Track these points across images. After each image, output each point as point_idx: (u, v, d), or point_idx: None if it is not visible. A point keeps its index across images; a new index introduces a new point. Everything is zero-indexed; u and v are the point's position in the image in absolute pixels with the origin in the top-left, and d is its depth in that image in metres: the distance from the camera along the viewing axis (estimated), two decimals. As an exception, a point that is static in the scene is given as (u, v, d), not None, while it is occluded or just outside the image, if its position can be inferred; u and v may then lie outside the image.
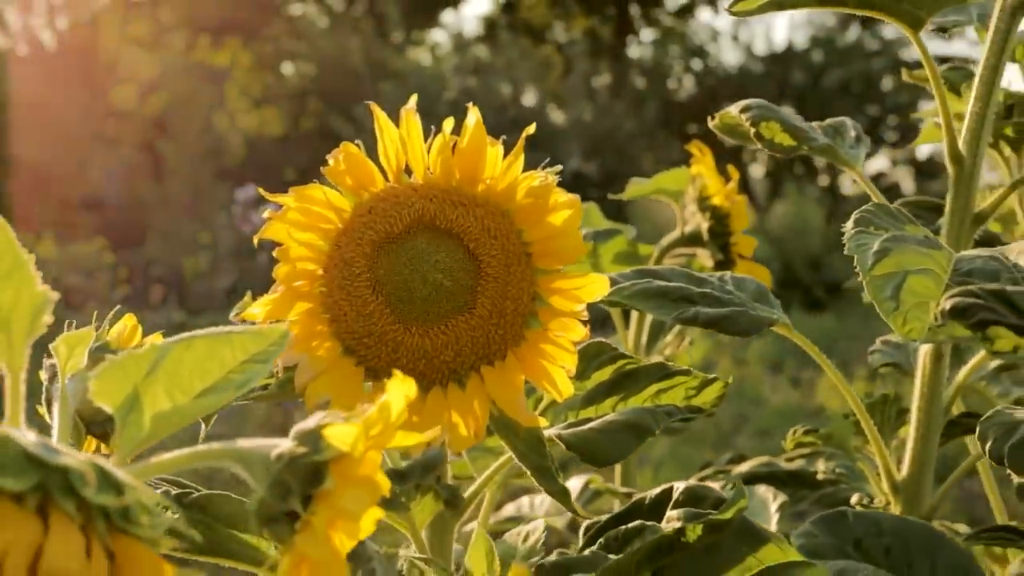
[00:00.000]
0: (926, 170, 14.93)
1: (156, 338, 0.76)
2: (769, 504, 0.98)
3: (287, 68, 17.10)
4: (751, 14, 0.80)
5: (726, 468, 1.23)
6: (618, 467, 1.32)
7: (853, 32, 16.89)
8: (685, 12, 18.41)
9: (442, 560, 0.79)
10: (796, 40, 17.13)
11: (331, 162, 0.76)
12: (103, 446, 0.75)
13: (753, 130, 0.87)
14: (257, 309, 0.76)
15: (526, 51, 14.97)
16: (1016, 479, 0.95)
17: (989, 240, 0.96)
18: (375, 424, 0.50)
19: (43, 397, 0.71)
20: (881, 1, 0.78)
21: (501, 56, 14.99)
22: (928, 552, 0.74)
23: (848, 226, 0.75)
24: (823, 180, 15.36)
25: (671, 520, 0.74)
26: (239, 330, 0.55)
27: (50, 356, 0.73)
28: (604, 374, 0.83)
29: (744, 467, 1.18)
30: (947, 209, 0.85)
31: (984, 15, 0.90)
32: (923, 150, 15.38)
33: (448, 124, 0.75)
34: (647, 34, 18.19)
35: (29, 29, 16.20)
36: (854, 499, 0.94)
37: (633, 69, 16.55)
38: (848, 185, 15.18)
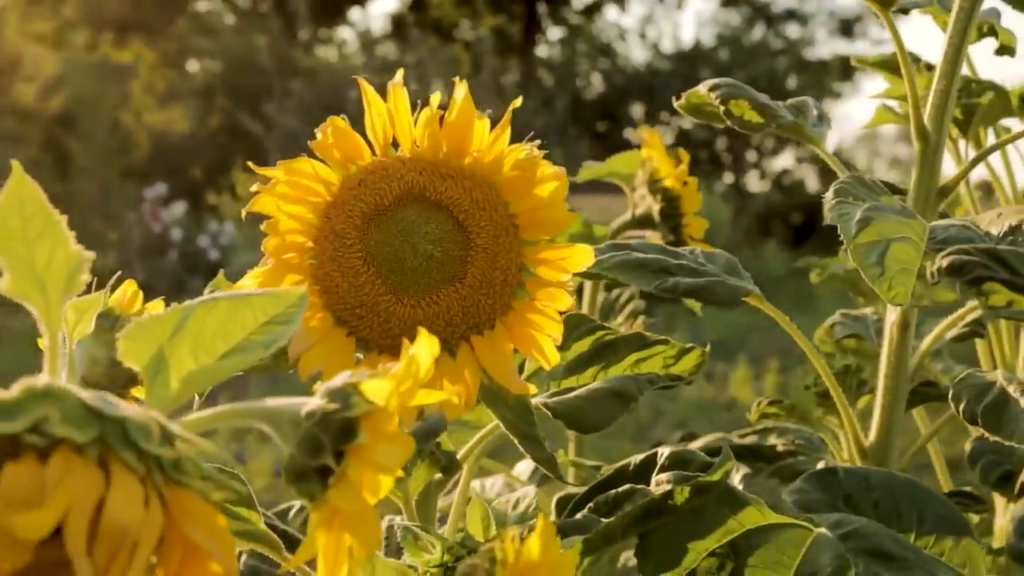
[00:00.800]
0: (829, 168, 15.16)
1: (158, 304, 0.76)
2: (731, 475, 1.00)
3: (192, 66, 16.93)
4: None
5: (679, 446, 1.25)
6: (571, 446, 1.33)
7: (758, 31, 17.14)
8: (592, 11, 18.53)
9: (431, 526, 0.80)
10: (703, 39, 17.32)
11: (319, 135, 0.77)
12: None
13: (723, 108, 0.89)
14: (248, 281, 0.76)
15: (434, 49, 14.97)
16: (967, 447, 0.98)
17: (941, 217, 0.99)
18: (405, 379, 0.51)
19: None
20: (854, -21, 0.81)
21: (410, 54, 14.98)
22: (915, 504, 0.76)
23: (828, 196, 0.78)
24: (728, 177, 15.55)
25: (660, 483, 0.76)
26: (258, 292, 0.55)
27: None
28: (583, 345, 0.85)
29: (698, 443, 1.20)
30: (913, 182, 0.88)
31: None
32: (827, 147, 15.63)
33: (435, 98, 0.76)
34: (555, 32, 18.29)
35: (-74, 25, 15.86)
36: (820, 467, 0.97)
37: (542, 67, 16.63)
38: (754, 183, 15.39)
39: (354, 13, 19.56)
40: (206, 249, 8.81)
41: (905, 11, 0.89)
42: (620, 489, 0.77)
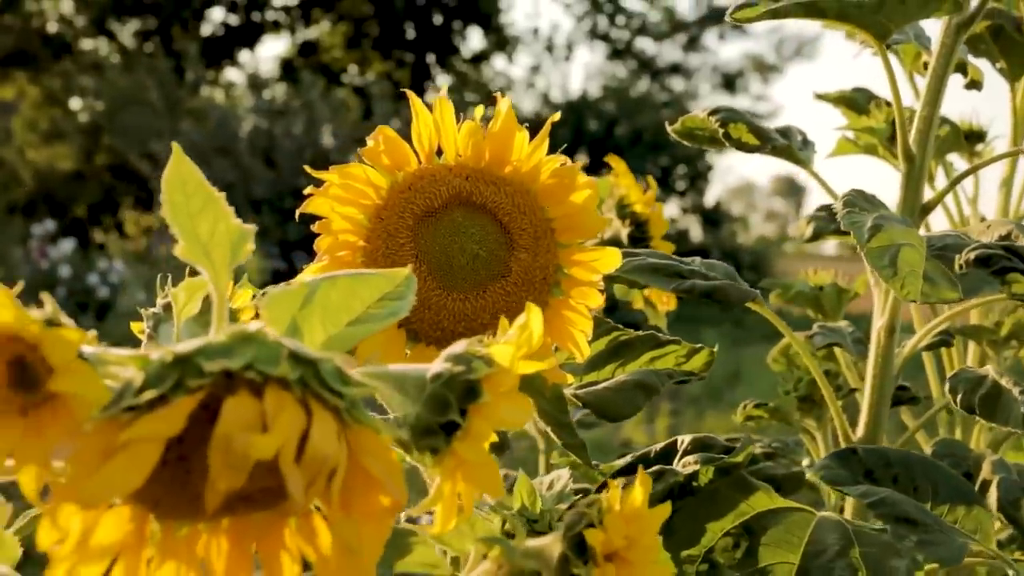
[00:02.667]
0: (712, 217, 15.50)
1: (245, 294, 0.81)
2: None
3: (76, 103, 16.70)
4: (750, 21, 0.90)
5: (651, 448, 1.32)
6: (542, 459, 1.40)
7: (644, 84, 17.47)
8: (480, 59, 18.74)
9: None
10: (590, 90, 17.60)
11: (370, 143, 0.82)
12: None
13: (723, 130, 0.97)
14: (307, 277, 0.81)
15: (324, 93, 15.00)
16: (928, 449, 1.07)
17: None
18: (522, 346, 0.57)
19: (144, 342, 0.76)
20: (856, 13, 0.89)
21: (299, 97, 14.96)
22: (929, 478, 0.84)
23: (838, 206, 0.86)
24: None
25: (687, 464, 0.83)
26: (372, 273, 0.61)
27: (147, 308, 0.77)
28: (601, 344, 0.92)
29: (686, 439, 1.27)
30: (899, 200, 0.96)
31: (919, 35, 1.03)
32: (709, 199, 15.96)
33: (479, 111, 0.83)
34: (444, 79, 18.44)
35: None
36: (805, 462, 1.05)
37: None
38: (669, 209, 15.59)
39: (243, 55, 19.50)
40: (95, 287, 8.70)
41: (889, 46, 0.97)
42: (652, 469, 0.83)
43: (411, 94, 0.84)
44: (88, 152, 14.49)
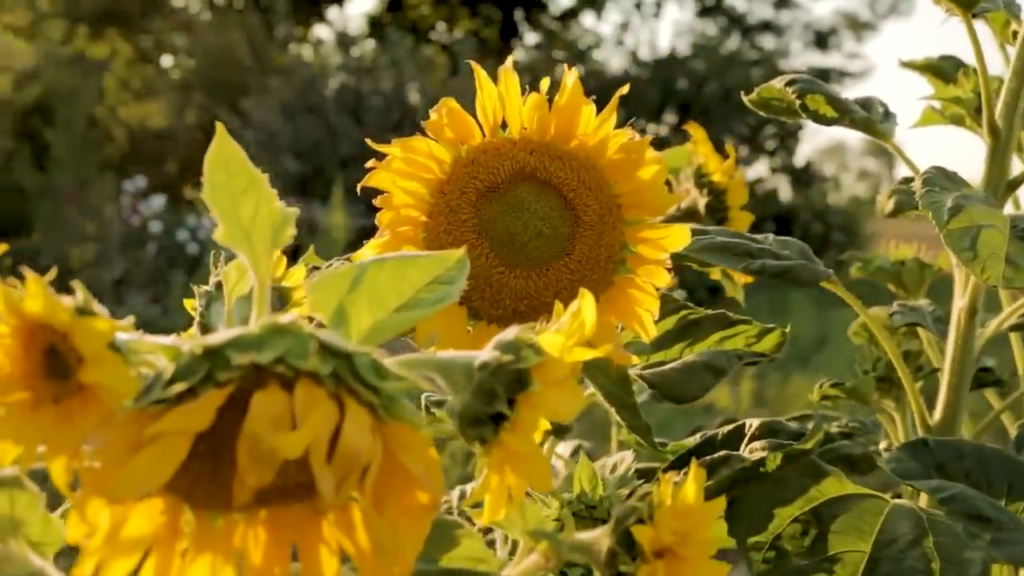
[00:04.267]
0: (802, 177, 15.29)
1: (299, 272, 0.79)
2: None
3: (167, 61, 16.87)
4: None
5: (718, 431, 1.30)
6: (615, 432, 1.38)
7: (734, 42, 17.25)
8: (568, 17, 18.61)
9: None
10: (680, 47, 17.40)
11: (433, 115, 0.80)
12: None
13: (799, 102, 0.93)
14: (367, 252, 0.80)
15: (411, 50, 14.99)
16: (1014, 432, 1.03)
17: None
18: (574, 334, 0.55)
19: (196, 323, 0.75)
20: (940, -16, 0.85)
21: (386, 54, 14.98)
22: (1005, 473, 0.81)
23: (917, 185, 0.82)
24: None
25: (754, 451, 0.80)
26: (422, 255, 0.59)
27: (199, 286, 0.76)
28: (669, 323, 0.89)
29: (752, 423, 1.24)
30: (983, 177, 0.92)
31: (1009, 3, 0.99)
32: (800, 158, 15.75)
33: (544, 84, 0.80)
34: (531, 37, 18.35)
35: (-100, 13, 15.77)
36: (883, 445, 1.01)
37: (518, 71, 16.66)
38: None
39: (332, 12, 19.56)
40: (185, 243, 8.81)
41: (977, 15, 0.93)
42: (716, 455, 0.81)
43: (475, 65, 0.81)
44: (179, 109, 14.63)
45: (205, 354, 0.45)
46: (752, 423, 0.85)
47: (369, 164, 0.81)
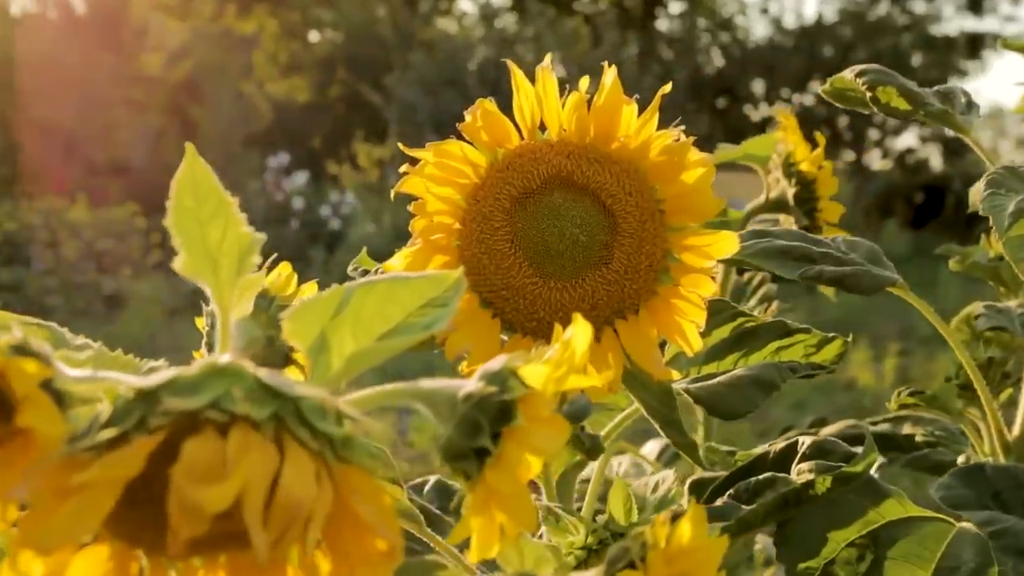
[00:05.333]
0: (954, 146, 14.86)
1: (312, 287, 0.78)
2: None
3: (314, 36, 17.10)
4: None
5: (809, 431, 1.25)
6: (700, 428, 1.33)
7: (883, 7, 16.80)
8: (714, -16, 18.33)
9: (568, 508, 0.81)
10: (826, 14, 17.03)
11: (467, 118, 0.77)
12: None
13: (869, 94, 0.88)
14: (396, 261, 0.77)
15: (554, 22, 14.94)
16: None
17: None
18: (561, 364, 0.52)
19: (203, 343, 0.73)
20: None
21: (529, 27, 14.97)
22: (1069, 505, 0.76)
23: (980, 187, 0.77)
24: (849, 155, 15.32)
25: (802, 472, 0.76)
26: (415, 275, 0.56)
27: (208, 303, 0.74)
28: (724, 331, 0.85)
29: (831, 429, 1.19)
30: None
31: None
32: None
33: (584, 83, 0.76)
34: (676, 6, 18.12)
35: (59, -6, 16.25)
36: (960, 459, 0.96)
37: (661, 41, 16.51)
38: (876, 161, 15.13)
39: (475, -15, 19.59)
40: (327, 219, 8.93)
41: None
42: (761, 477, 0.77)
43: (511, 64, 0.78)
44: (323, 85, 14.83)
45: (139, 397, 0.43)
46: (805, 441, 0.80)
47: (402, 169, 0.79)
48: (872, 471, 0.98)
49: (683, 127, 0.73)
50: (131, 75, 13.90)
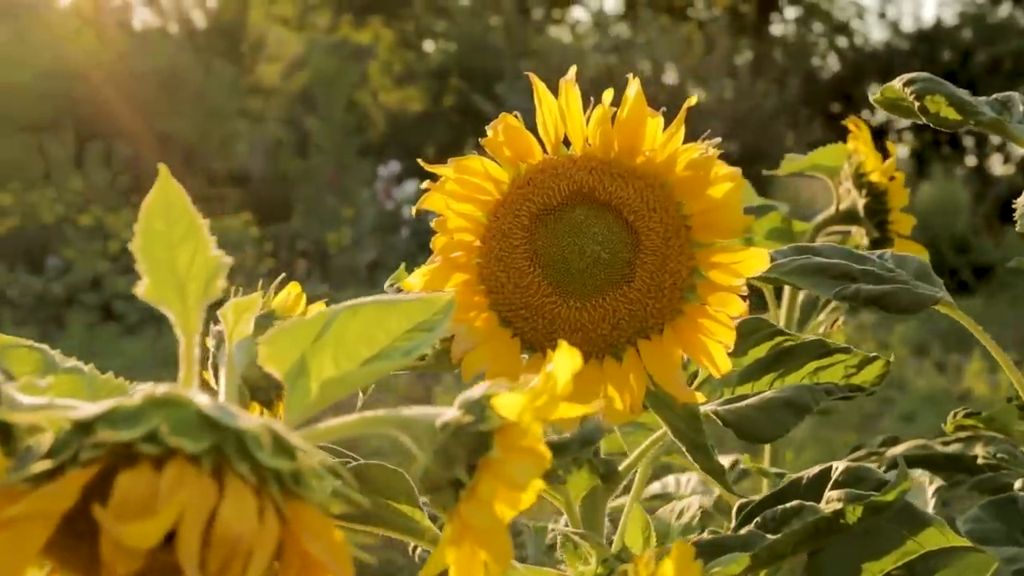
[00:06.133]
0: (1081, 151, 14.43)
1: (319, 307, 0.77)
2: (925, 488, 0.96)
3: (428, 46, 17.21)
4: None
5: (879, 450, 1.21)
6: (767, 447, 1.30)
7: (1004, 8, 16.40)
8: (831, -12, 18.06)
9: (595, 534, 0.79)
10: (945, 17, 16.69)
11: (490, 133, 0.76)
12: (267, 412, 0.76)
13: (918, 104, 0.85)
14: (415, 279, 0.76)
15: (667, 29, 14.85)
16: None
17: None
18: (540, 395, 0.50)
19: (209, 363, 0.73)
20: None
21: (641, 34, 14.89)
22: (1106, 542, 0.71)
23: (1020, 203, 0.73)
24: (971, 160, 14.97)
25: (831, 501, 0.73)
26: (405, 298, 0.55)
27: (217, 323, 0.74)
28: (761, 351, 0.82)
29: (898, 449, 1.16)
30: None
31: None
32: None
33: (607, 95, 0.74)
34: (791, 11, 17.90)
35: (180, 8, 16.59)
36: (1017, 484, 0.92)
37: (776, 46, 16.32)
38: (997, 166, 14.78)
39: (588, -7, 19.58)
40: (436, 227, 8.96)
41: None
42: (788, 505, 0.74)
43: (534, 78, 0.76)
44: (436, 94, 14.91)
45: (75, 429, 0.42)
46: (838, 467, 0.77)
47: (424, 186, 0.77)
48: (930, 495, 0.95)
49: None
50: (249, 86, 14.13)
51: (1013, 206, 0.78)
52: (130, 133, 11.45)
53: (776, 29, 17.24)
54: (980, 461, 0.98)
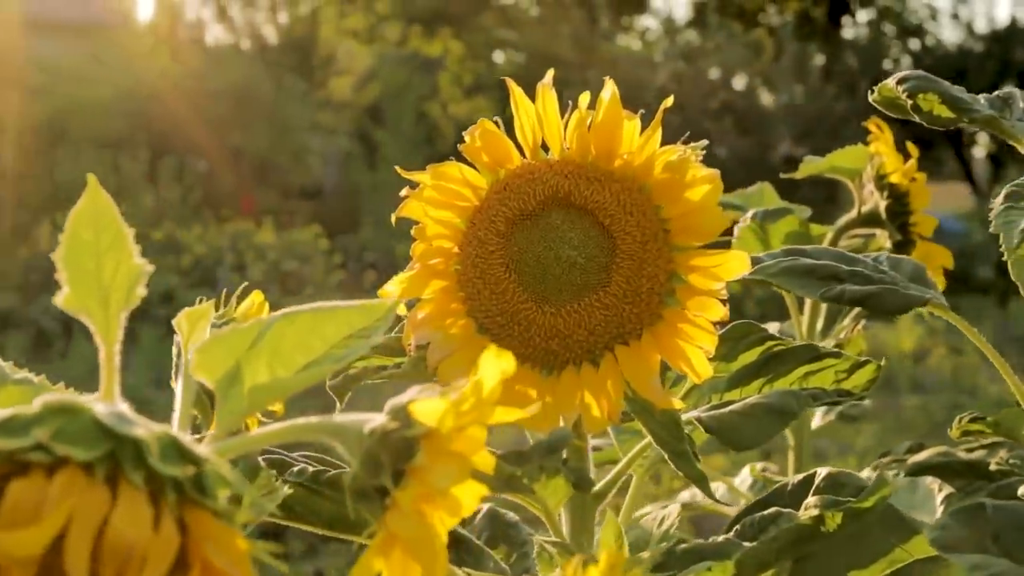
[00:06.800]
0: None
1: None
2: (935, 495, 0.93)
3: (498, 57, 17.27)
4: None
5: (903, 457, 1.18)
6: (791, 455, 1.27)
7: (1084, 7, 16.11)
8: (903, -10, 17.87)
9: (583, 543, 0.77)
10: (1020, 17, 16.42)
11: (467, 138, 0.75)
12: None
13: (910, 102, 0.83)
14: (392, 286, 0.75)
15: (736, 34, 14.77)
16: None
17: None
18: (466, 400, 0.49)
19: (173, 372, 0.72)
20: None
21: (711, 40, 14.83)
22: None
23: (997, 201, 0.71)
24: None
25: (808, 507, 0.71)
26: (345, 305, 0.54)
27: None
28: (751, 356, 0.80)
29: (921, 456, 1.13)
30: None
31: None
32: None
33: (584, 99, 0.73)
34: (863, 14, 17.73)
35: (252, 24, 16.80)
36: (1021, 491, 0.89)
37: (846, 50, 16.16)
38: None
39: (656, 0, 19.55)
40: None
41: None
42: (766, 512, 0.72)
43: (510, 82, 0.76)
44: (505, 104, 14.96)
45: (-30, 437, 0.42)
46: (821, 473, 0.75)
47: (402, 193, 0.77)
48: (939, 502, 0.92)
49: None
50: (319, 100, 14.26)
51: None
52: (202, 148, 11.60)
53: (847, 33, 17.08)
54: (993, 467, 0.95)
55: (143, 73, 12.20)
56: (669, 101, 0.73)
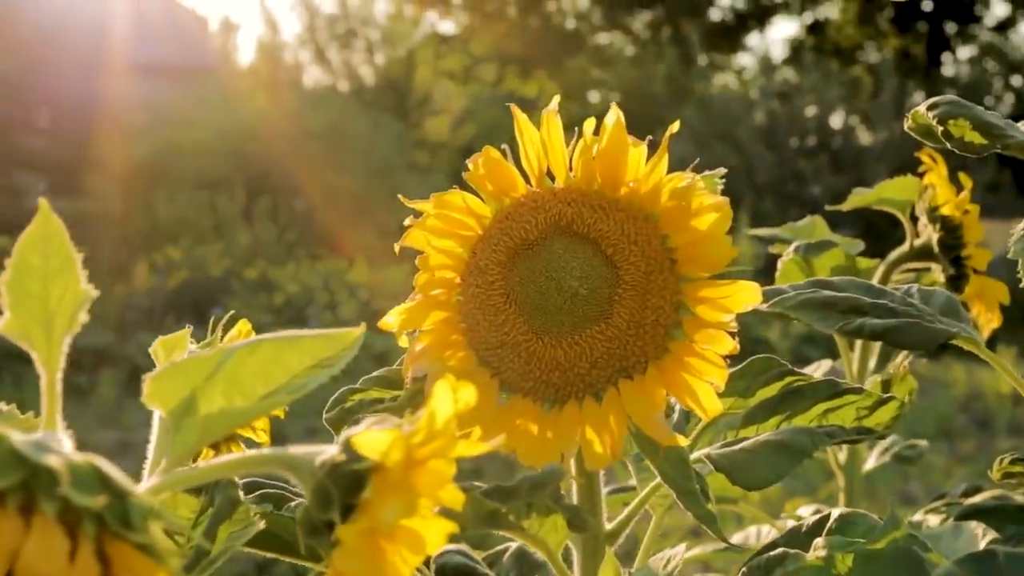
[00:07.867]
0: None
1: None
2: (978, 540, 0.89)
3: (593, 96, 17.28)
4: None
5: (959, 500, 1.14)
6: (841, 496, 1.23)
7: None
8: (1006, 26, 17.59)
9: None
10: None
11: (471, 166, 0.73)
12: (223, 446, 0.75)
13: (941, 128, 0.79)
14: (392, 318, 0.74)
15: (832, 72, 14.63)
16: None
17: None
18: (418, 432, 0.47)
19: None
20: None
21: (807, 78, 14.70)
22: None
23: (1018, 228, 0.67)
24: None
25: (817, 548, 0.68)
26: (311, 335, 0.53)
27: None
28: (770, 391, 0.77)
29: (978, 499, 1.08)
30: None
31: None
32: None
33: (589, 125, 0.71)
34: (964, 51, 17.48)
35: (349, 65, 17.00)
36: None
37: (947, 87, 15.92)
38: None
39: (752, 39, 19.44)
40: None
41: None
42: (772, 553, 0.69)
43: (515, 108, 0.74)
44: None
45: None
46: (835, 514, 0.72)
47: (406, 223, 0.75)
48: (982, 546, 0.88)
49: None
50: (415, 140, 14.38)
51: None
52: (298, 188, 11.73)
53: (948, 70, 16.85)
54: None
55: (242, 114, 12.41)
56: (675, 126, 0.71)
